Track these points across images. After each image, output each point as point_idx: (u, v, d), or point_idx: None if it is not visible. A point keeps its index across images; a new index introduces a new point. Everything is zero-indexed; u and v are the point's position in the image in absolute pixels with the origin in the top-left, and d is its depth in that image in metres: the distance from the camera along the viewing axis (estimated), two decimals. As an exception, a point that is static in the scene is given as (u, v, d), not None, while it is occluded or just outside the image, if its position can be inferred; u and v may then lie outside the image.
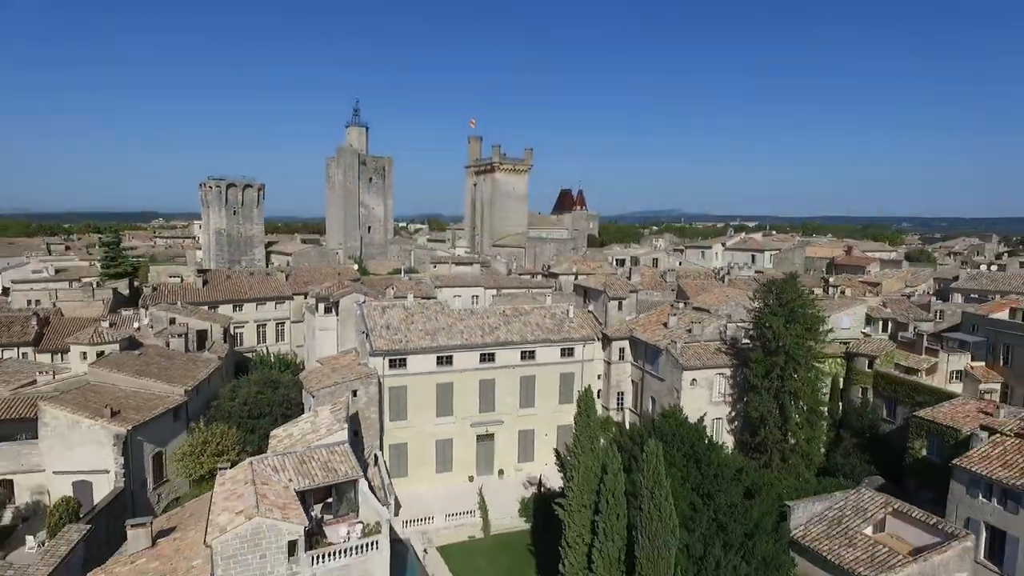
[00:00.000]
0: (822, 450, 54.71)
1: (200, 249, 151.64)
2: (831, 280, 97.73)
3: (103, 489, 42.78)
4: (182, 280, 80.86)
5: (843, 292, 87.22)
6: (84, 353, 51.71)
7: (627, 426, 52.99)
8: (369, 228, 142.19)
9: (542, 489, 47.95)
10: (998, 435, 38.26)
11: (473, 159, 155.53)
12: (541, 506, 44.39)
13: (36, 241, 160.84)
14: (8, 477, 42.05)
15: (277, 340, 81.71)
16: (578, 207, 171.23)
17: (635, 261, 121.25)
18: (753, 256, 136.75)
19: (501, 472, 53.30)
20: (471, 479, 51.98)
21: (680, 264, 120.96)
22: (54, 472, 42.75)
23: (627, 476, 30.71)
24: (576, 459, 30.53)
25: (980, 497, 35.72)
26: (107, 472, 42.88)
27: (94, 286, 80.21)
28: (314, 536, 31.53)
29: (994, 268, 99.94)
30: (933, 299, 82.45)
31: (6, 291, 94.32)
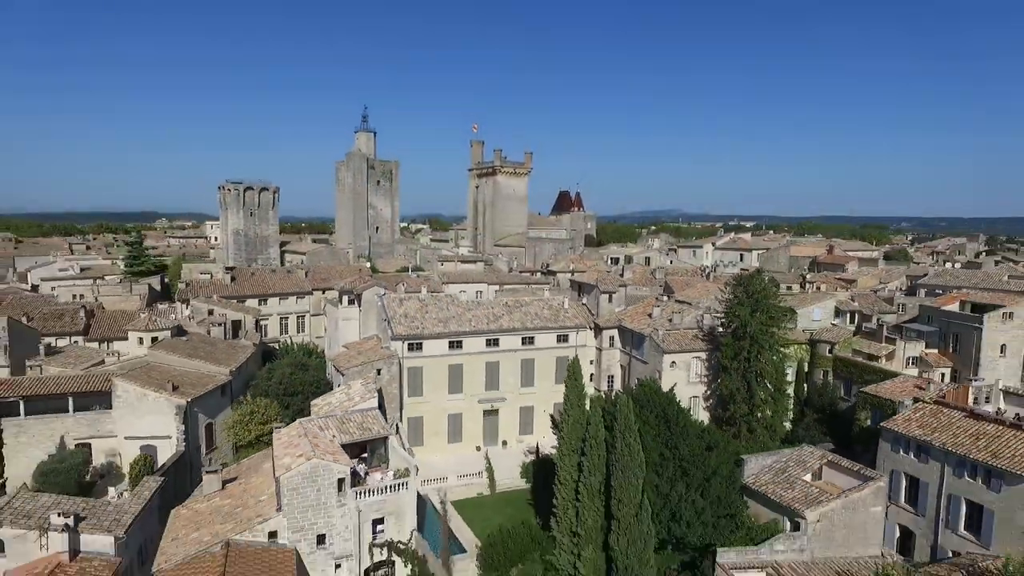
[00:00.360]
0: (787, 424, 62.28)
1: (213, 248, 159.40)
2: (808, 277, 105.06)
3: (165, 453, 50.25)
4: (211, 276, 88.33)
5: (818, 288, 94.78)
6: (141, 338, 59.27)
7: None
8: (377, 228, 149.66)
9: (540, 456, 55.45)
10: (920, 403, 45.80)
11: (475, 162, 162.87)
12: (539, 470, 51.90)
13: (57, 241, 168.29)
14: (87, 441, 49.53)
15: (298, 331, 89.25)
16: (576, 208, 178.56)
17: (628, 259, 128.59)
18: (741, 255, 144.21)
19: (504, 443, 60.81)
20: (478, 448, 59.49)
21: (671, 262, 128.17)
22: (125, 437, 50.22)
23: (608, 432, 38.15)
24: (567, 413, 38.02)
25: (900, 452, 43.26)
26: (169, 438, 50.38)
27: (131, 283, 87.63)
28: (356, 479, 39.04)
29: (958, 266, 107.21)
30: (899, 294, 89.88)
31: (35, 288, 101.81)
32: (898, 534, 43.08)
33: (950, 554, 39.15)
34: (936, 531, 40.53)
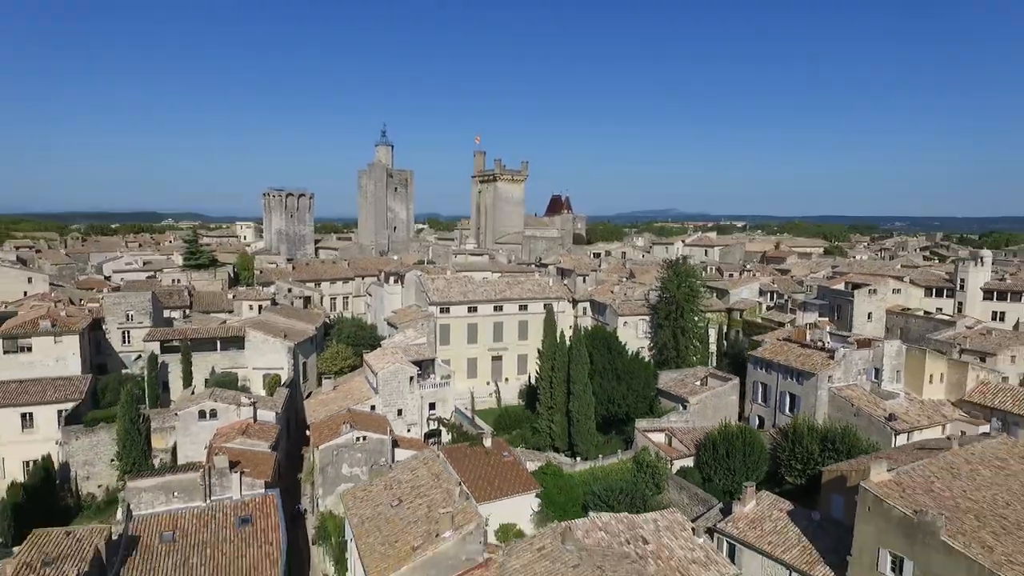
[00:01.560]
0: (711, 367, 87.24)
1: (247, 246, 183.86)
2: (748, 266, 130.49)
3: (281, 378, 74.96)
4: (277, 266, 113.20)
5: (754, 274, 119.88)
6: (251, 305, 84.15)
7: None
8: (395, 228, 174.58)
9: (531, 386, 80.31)
10: (775, 341, 70.93)
11: (478, 170, 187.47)
12: (530, 395, 76.68)
13: (115, 240, 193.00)
14: (232, 370, 74.26)
15: (344, 309, 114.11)
16: (565, 211, 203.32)
17: (608, 254, 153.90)
18: (706, 251, 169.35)
19: (507, 379, 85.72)
20: (488, 383, 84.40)
21: (643, 256, 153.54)
22: (253, 368, 74.92)
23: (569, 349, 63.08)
24: (545, 339, 62.88)
25: (758, 369, 68.30)
26: (283, 369, 75.06)
27: (215, 270, 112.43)
28: (419, 378, 64.04)
29: (864, 257, 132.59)
30: (811, 278, 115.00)
31: (108, 278, 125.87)
32: (757, 422, 68.12)
33: (781, 426, 64.17)
34: (775, 414, 65.62)
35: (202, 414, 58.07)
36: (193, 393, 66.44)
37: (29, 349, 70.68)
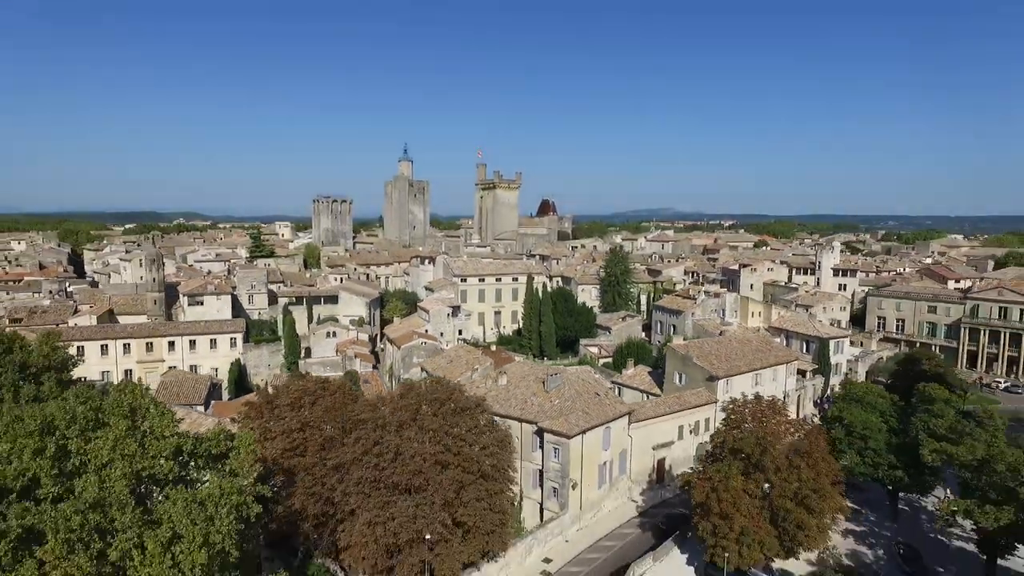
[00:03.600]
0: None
1: (290, 242, 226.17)
2: (684, 256, 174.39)
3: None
4: (338, 254, 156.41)
5: (678, 260, 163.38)
6: (335, 278, 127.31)
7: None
8: (414, 227, 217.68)
9: (518, 328, 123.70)
10: (672, 294, 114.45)
11: (480, 179, 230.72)
12: (518, 333, 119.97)
13: (186, 237, 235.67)
14: (332, 314, 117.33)
15: (387, 283, 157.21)
16: (552, 212, 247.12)
17: (583, 247, 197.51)
18: (662, 245, 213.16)
19: (504, 326, 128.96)
20: (492, 328, 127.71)
21: (609, 247, 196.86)
22: (343, 315, 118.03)
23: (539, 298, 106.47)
24: (527, 298, 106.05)
25: (660, 312, 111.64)
26: (362, 315, 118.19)
27: (294, 257, 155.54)
28: (453, 314, 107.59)
29: (758, 248, 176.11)
30: (722, 263, 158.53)
31: (191, 266, 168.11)
32: (657, 341, 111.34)
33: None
34: (663, 336, 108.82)
35: (328, 334, 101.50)
36: (310, 326, 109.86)
37: (201, 303, 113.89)
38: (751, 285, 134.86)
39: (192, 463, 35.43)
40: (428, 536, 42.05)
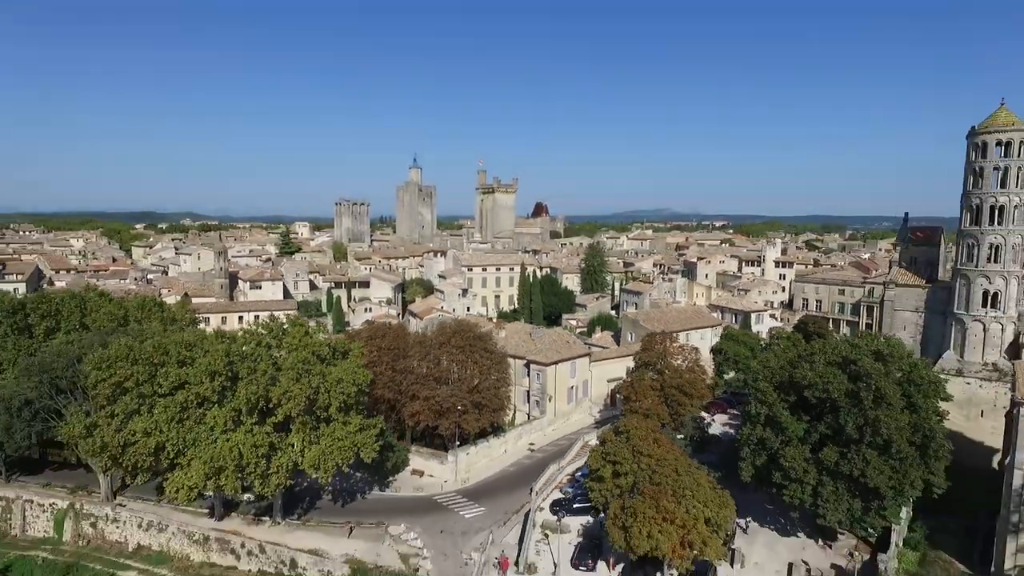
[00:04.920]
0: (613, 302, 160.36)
1: (310, 240, 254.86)
2: (656, 251, 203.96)
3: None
4: (363, 249, 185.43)
5: (650, 255, 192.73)
6: (365, 267, 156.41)
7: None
8: (423, 227, 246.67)
9: (512, 308, 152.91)
10: (636, 280, 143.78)
11: (480, 184, 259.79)
12: (512, 311, 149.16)
13: (211, 236, 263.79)
14: (365, 296, 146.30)
15: (403, 276, 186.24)
16: (544, 214, 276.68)
17: (571, 243, 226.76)
18: (641, 242, 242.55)
19: (502, 306, 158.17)
20: (493, 308, 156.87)
21: (596, 244, 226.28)
22: (374, 297, 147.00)
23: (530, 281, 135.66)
24: (521, 276, 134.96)
25: (626, 294, 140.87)
26: (389, 296, 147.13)
27: (325, 251, 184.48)
28: (463, 293, 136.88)
29: (723, 244, 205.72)
30: (684, 257, 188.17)
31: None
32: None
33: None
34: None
35: (366, 309, 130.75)
36: (350, 303, 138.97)
37: (260, 287, 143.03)
38: (706, 275, 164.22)
39: (332, 354, 64.48)
40: (460, 407, 71.20)
